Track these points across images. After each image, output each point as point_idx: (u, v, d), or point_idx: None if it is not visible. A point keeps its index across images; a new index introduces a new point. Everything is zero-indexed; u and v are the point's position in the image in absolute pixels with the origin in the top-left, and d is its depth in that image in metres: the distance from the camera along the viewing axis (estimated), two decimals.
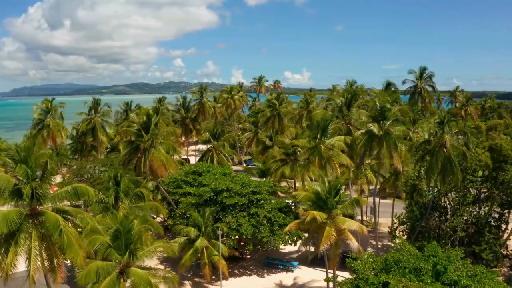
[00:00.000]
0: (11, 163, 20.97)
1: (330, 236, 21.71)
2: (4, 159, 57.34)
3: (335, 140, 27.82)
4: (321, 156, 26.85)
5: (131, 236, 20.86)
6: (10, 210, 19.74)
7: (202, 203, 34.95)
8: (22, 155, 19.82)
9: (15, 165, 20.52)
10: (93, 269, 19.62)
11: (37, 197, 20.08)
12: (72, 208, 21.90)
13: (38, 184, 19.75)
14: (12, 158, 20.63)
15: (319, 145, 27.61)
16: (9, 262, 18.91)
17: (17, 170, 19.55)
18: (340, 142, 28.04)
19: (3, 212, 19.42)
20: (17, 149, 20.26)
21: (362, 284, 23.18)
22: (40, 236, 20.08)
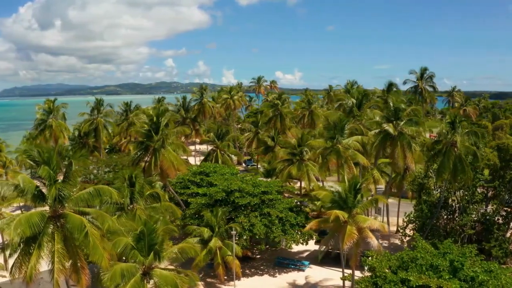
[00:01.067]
0: (32, 164, 20.62)
1: (352, 234, 21.93)
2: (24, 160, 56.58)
3: (352, 140, 28.06)
4: (340, 155, 27.04)
5: (154, 237, 20.78)
6: (32, 213, 19.48)
7: (213, 203, 34.92)
8: (45, 156, 19.58)
9: (37, 166, 20.26)
10: (118, 271, 19.50)
11: (59, 199, 19.86)
12: (93, 210, 21.68)
13: (63, 185, 19.52)
14: (33, 160, 20.32)
15: (337, 145, 27.80)
16: (32, 265, 18.66)
17: (41, 171, 19.27)
18: (357, 142, 28.28)
19: (26, 215, 19.16)
20: (39, 150, 20.00)
21: (380, 282, 23.46)
22: (62, 239, 19.85)
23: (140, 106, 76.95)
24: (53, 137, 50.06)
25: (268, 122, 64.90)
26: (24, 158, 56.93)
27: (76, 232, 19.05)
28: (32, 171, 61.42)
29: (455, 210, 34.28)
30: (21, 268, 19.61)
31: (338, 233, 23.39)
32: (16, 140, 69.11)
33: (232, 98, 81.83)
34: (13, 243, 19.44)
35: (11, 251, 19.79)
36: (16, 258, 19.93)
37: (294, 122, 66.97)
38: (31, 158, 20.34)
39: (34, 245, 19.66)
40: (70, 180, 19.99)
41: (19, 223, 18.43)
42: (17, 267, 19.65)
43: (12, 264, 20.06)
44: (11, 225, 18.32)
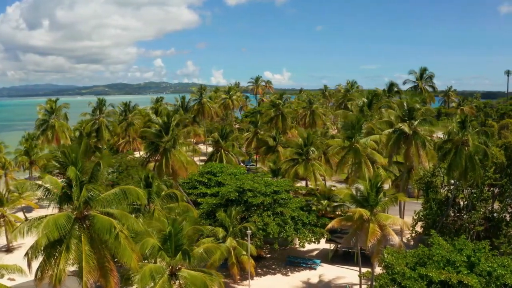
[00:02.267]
0: (57, 165, 20.32)
1: (376, 232, 22.26)
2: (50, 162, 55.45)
3: (371, 139, 28.43)
4: (358, 154, 27.37)
5: (181, 237, 20.70)
6: (59, 215, 19.20)
7: (224, 203, 34.94)
8: (73, 157, 19.36)
9: (62, 167, 20.00)
10: (147, 272, 19.32)
11: (86, 200, 19.64)
12: (116, 211, 21.44)
13: (91, 186, 19.30)
14: (58, 161, 20.06)
15: (355, 144, 28.13)
16: (62, 268, 18.36)
17: (69, 172, 19.02)
18: (375, 141, 28.68)
19: (53, 217, 18.82)
20: (65, 151, 19.76)
21: (399, 278, 23.83)
22: (89, 240, 19.61)
23: (138, 106, 76.37)
24: (55, 138, 49.30)
25: (270, 122, 65.15)
26: (24, 159, 56.11)
27: (105, 233, 18.81)
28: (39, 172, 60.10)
29: (463, 207, 34.97)
30: (47, 271, 19.29)
31: (360, 231, 23.66)
32: (10, 140, 67.82)
33: (231, 98, 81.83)
34: (38, 246, 19.09)
35: (34, 254, 19.44)
36: (41, 261, 19.59)
37: (294, 121, 67.34)
38: (56, 159, 20.06)
39: (59, 247, 19.35)
40: (97, 181, 19.79)
41: (47, 225, 18.14)
42: (42, 270, 19.33)
43: (37, 267, 19.73)
44: (39, 227, 18.03)
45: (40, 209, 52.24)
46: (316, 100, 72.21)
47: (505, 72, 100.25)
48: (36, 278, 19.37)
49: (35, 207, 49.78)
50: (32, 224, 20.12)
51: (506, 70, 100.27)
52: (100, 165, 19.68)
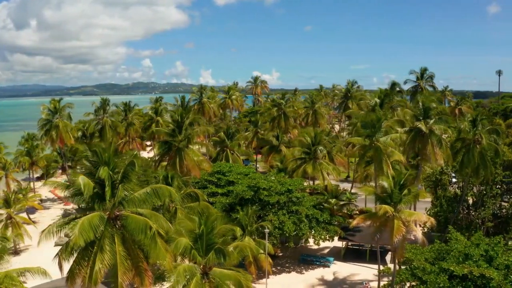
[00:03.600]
0: (88, 165, 20.02)
1: (401, 228, 22.65)
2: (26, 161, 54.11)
3: (391, 137, 28.87)
4: (380, 153, 27.78)
5: (212, 237, 20.70)
6: (93, 215, 18.84)
7: (238, 202, 34.98)
8: (106, 157, 19.18)
9: (93, 167, 19.74)
10: (182, 272, 19.26)
11: (119, 200, 19.45)
12: (146, 210, 21.32)
13: (127, 186, 19.13)
14: (90, 160, 19.83)
15: (375, 143, 28.54)
16: (97, 269, 18.07)
17: (101, 172, 18.82)
18: (395, 139, 29.13)
19: (88, 218, 18.42)
20: (97, 151, 19.56)
21: (420, 273, 24.27)
22: (121, 241, 19.43)
23: (138, 105, 75.75)
24: (59, 138, 48.55)
25: (272, 121, 65.34)
26: (26, 159, 55.10)
27: (140, 233, 18.63)
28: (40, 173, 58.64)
29: (472, 204, 35.73)
30: (80, 274, 18.99)
31: (384, 227, 24.02)
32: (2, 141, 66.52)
33: (230, 98, 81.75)
34: (75, 247, 18.78)
35: (68, 256, 19.16)
36: (72, 263, 19.26)
37: (296, 121, 67.70)
38: (87, 158, 19.85)
39: (91, 248, 19.05)
40: (130, 180, 19.64)
41: (83, 227, 17.83)
42: (74, 272, 18.98)
43: (68, 269, 19.42)
44: (75, 228, 17.68)
45: (43, 210, 51.52)
46: (318, 100, 72.62)
47: (496, 72, 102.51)
48: (68, 280, 19.05)
49: (39, 208, 49.03)
50: (62, 225, 19.90)
51: (497, 70, 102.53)
52: (134, 164, 19.52)
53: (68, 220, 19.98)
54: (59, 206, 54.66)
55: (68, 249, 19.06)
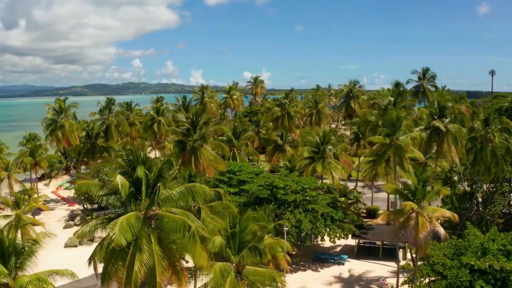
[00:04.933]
0: (123, 164, 19.86)
1: (425, 225, 23.07)
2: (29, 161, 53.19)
3: (412, 136, 29.35)
4: (401, 151, 28.21)
5: (245, 235, 20.81)
6: (130, 215, 18.56)
7: (253, 201, 35.10)
8: (143, 156, 19.11)
9: (128, 166, 19.62)
10: (218, 271, 19.34)
11: (154, 200, 19.33)
12: (179, 210, 21.28)
13: (166, 185, 19.03)
14: (125, 159, 19.69)
15: (396, 141, 28.98)
16: (137, 270, 17.81)
17: (139, 172, 18.73)
18: (415, 138, 29.63)
19: (125, 217, 18.09)
20: (132, 149, 19.47)
21: (441, 269, 24.74)
22: (157, 241, 19.32)
23: (138, 105, 75.29)
24: (65, 138, 47.92)
25: (275, 121, 65.61)
26: (29, 160, 54.23)
27: (177, 233, 18.49)
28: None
29: (482, 201, 36.50)
30: (116, 275, 18.77)
31: (408, 224, 24.44)
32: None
33: (231, 98, 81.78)
34: (115, 247, 18.56)
35: (106, 257, 18.98)
36: (108, 265, 19.04)
37: (299, 121, 68.14)
38: (123, 157, 19.74)
39: (127, 249, 18.88)
40: (166, 179, 19.58)
41: (123, 227, 17.63)
42: (110, 274, 18.72)
43: (103, 271, 19.23)
44: (115, 229, 17.47)
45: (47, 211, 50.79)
46: (321, 100, 73.15)
47: (489, 72, 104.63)
48: (104, 282, 18.84)
49: (46, 209, 48.38)
50: (95, 225, 19.75)
51: (490, 70, 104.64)
52: (171, 163, 19.48)
53: (101, 220, 19.85)
54: (63, 207, 53.96)
55: (104, 250, 18.89)
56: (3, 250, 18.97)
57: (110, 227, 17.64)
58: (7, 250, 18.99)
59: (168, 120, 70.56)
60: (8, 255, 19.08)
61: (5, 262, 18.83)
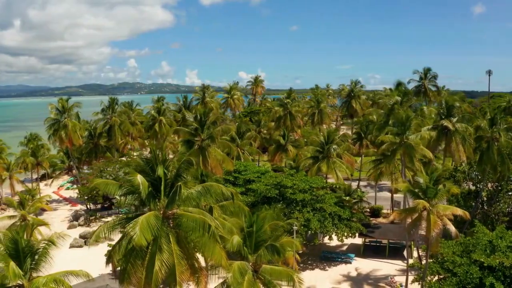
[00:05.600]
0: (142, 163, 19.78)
1: (437, 223, 23.28)
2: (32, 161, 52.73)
3: (422, 135, 29.59)
4: (411, 150, 28.42)
5: (261, 234, 20.85)
6: (149, 214, 18.47)
7: (260, 200, 35.16)
8: (164, 156, 19.08)
9: (146, 166, 19.57)
10: (237, 269, 19.35)
11: (173, 199, 19.29)
12: (195, 209, 21.27)
13: (183, 184, 19.00)
14: (144, 159, 19.65)
15: (406, 140, 29.19)
16: (157, 269, 17.78)
17: (159, 171, 18.70)
18: (424, 137, 29.87)
19: (145, 217, 17.97)
20: (153, 149, 19.43)
21: (451, 266, 24.98)
22: (176, 240, 19.28)
23: (139, 104, 75.09)
24: (68, 138, 47.61)
25: (277, 120, 65.70)
26: (31, 160, 53.79)
27: (197, 232, 18.46)
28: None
29: (487, 200, 36.85)
30: (135, 275, 18.65)
31: (419, 221, 24.65)
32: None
33: (232, 98, 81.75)
34: (125, 248, 18.58)
35: (124, 257, 18.90)
36: (128, 265, 18.90)
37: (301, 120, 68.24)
38: (142, 158, 19.70)
39: (146, 249, 18.83)
40: (184, 179, 19.57)
41: (143, 227, 17.53)
42: (130, 274, 18.52)
43: (122, 271, 19.15)
44: (136, 228, 17.40)
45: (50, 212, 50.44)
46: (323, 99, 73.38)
47: (486, 72, 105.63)
48: (124, 282, 18.75)
49: (49, 209, 48.06)
50: (113, 225, 19.69)
51: (487, 70, 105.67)
52: (190, 162, 19.46)
53: (119, 221, 19.79)
54: (66, 207, 53.64)
55: (123, 250, 18.81)
56: (18, 251, 18.84)
57: (130, 227, 17.56)
58: (22, 251, 18.86)
59: (169, 120, 70.37)
60: (24, 256, 18.97)
61: (20, 263, 18.72)
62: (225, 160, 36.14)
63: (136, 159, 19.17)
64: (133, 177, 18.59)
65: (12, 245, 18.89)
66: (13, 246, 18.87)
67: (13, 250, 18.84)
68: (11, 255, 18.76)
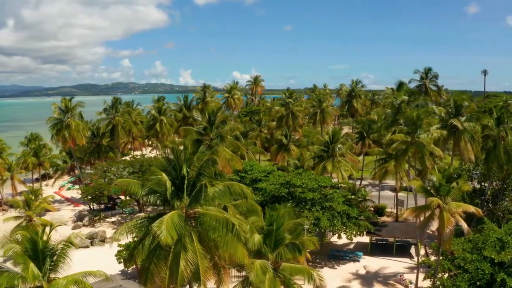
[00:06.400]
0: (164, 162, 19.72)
1: (451, 220, 23.58)
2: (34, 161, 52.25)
3: (433, 134, 29.90)
4: (423, 148, 28.71)
5: (281, 232, 20.96)
6: (173, 213, 18.35)
7: (269, 199, 35.25)
8: (187, 155, 19.07)
9: (169, 165, 19.52)
10: (259, 268, 19.41)
11: (196, 198, 19.28)
12: (214, 208, 21.28)
13: (209, 183, 18.99)
14: (167, 158, 19.62)
15: (417, 139, 29.50)
16: (183, 269, 17.73)
17: (184, 170, 18.67)
18: (435, 135, 30.19)
19: (170, 216, 17.85)
20: (174, 147, 19.42)
21: (462, 263, 25.31)
22: (198, 239, 19.26)
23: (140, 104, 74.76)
24: (72, 138, 47.22)
25: (279, 120, 65.89)
26: (33, 160, 53.23)
27: (220, 231, 18.46)
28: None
29: (492, 197, 37.33)
30: (159, 275, 18.56)
31: (432, 219, 24.93)
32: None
33: (232, 97, 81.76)
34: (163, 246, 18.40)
35: (147, 257, 18.85)
36: (151, 265, 18.75)
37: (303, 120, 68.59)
38: (165, 156, 19.65)
39: (169, 248, 18.79)
40: (206, 177, 19.56)
41: (169, 225, 17.38)
42: (154, 274, 18.42)
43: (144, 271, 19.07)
44: (162, 227, 17.33)
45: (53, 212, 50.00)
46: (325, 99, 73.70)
47: (482, 71, 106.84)
48: (147, 282, 18.65)
49: (53, 210, 47.66)
50: (136, 225, 19.62)
51: (483, 70, 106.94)
52: (213, 161, 19.49)
53: (141, 220, 19.75)
54: (68, 207, 53.21)
55: (146, 250, 18.75)
56: (37, 252, 18.64)
57: (156, 225, 17.48)
58: (41, 252, 18.65)
59: (170, 119, 70.19)
60: (43, 257, 18.78)
61: (39, 264, 18.52)
62: (234, 159, 36.15)
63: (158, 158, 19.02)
64: (159, 175, 18.54)
65: (31, 246, 18.72)
66: (32, 247, 18.70)
67: (32, 251, 18.67)
68: (30, 256, 18.60)
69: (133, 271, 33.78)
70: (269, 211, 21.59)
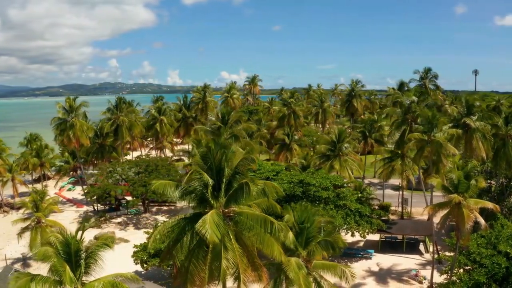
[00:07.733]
0: (201, 163, 19.64)
1: (470, 216, 24.21)
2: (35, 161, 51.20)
3: (449, 132, 30.56)
4: (440, 147, 29.30)
5: (312, 230, 21.16)
6: (212, 213, 18.26)
7: (282, 198, 35.41)
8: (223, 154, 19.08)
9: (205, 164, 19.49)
10: (295, 265, 19.57)
11: (235, 196, 19.25)
12: (245, 207, 21.34)
13: (251, 183, 18.97)
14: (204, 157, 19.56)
15: (433, 138, 30.10)
16: (224, 267, 17.71)
17: (226, 170, 18.67)
18: (450, 134, 30.85)
19: (210, 215, 17.83)
20: (212, 147, 19.39)
21: (477, 258, 25.98)
22: (235, 238, 19.27)
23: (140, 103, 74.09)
24: (76, 138, 46.50)
25: (281, 120, 66.14)
26: (35, 161, 52.14)
27: (256, 229, 18.56)
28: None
29: (496, 195, 38.33)
30: (199, 275, 18.48)
31: (451, 215, 25.54)
32: None
33: (231, 97, 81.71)
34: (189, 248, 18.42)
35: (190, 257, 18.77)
36: (190, 265, 18.64)
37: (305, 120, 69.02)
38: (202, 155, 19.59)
39: (206, 248, 18.69)
40: (244, 176, 19.62)
41: (212, 224, 17.39)
42: (194, 274, 18.30)
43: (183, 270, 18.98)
44: (206, 226, 17.24)
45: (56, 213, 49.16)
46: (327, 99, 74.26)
47: (472, 71, 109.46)
48: (188, 281, 18.56)
49: (59, 210, 46.89)
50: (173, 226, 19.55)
51: (473, 70, 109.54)
52: (251, 160, 19.55)
53: (177, 221, 19.68)
54: (71, 208, 52.37)
55: (186, 249, 18.69)
56: (70, 255, 18.39)
57: (200, 225, 17.43)
58: (74, 254, 18.41)
59: (170, 119, 69.84)
60: (76, 259, 18.53)
61: (72, 266, 18.24)
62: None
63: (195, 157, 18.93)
64: (201, 175, 18.52)
65: (65, 249, 18.46)
66: (66, 249, 18.44)
67: (66, 254, 18.41)
68: (65, 259, 18.34)
69: (147, 272, 33.54)
70: (299, 209, 21.73)
